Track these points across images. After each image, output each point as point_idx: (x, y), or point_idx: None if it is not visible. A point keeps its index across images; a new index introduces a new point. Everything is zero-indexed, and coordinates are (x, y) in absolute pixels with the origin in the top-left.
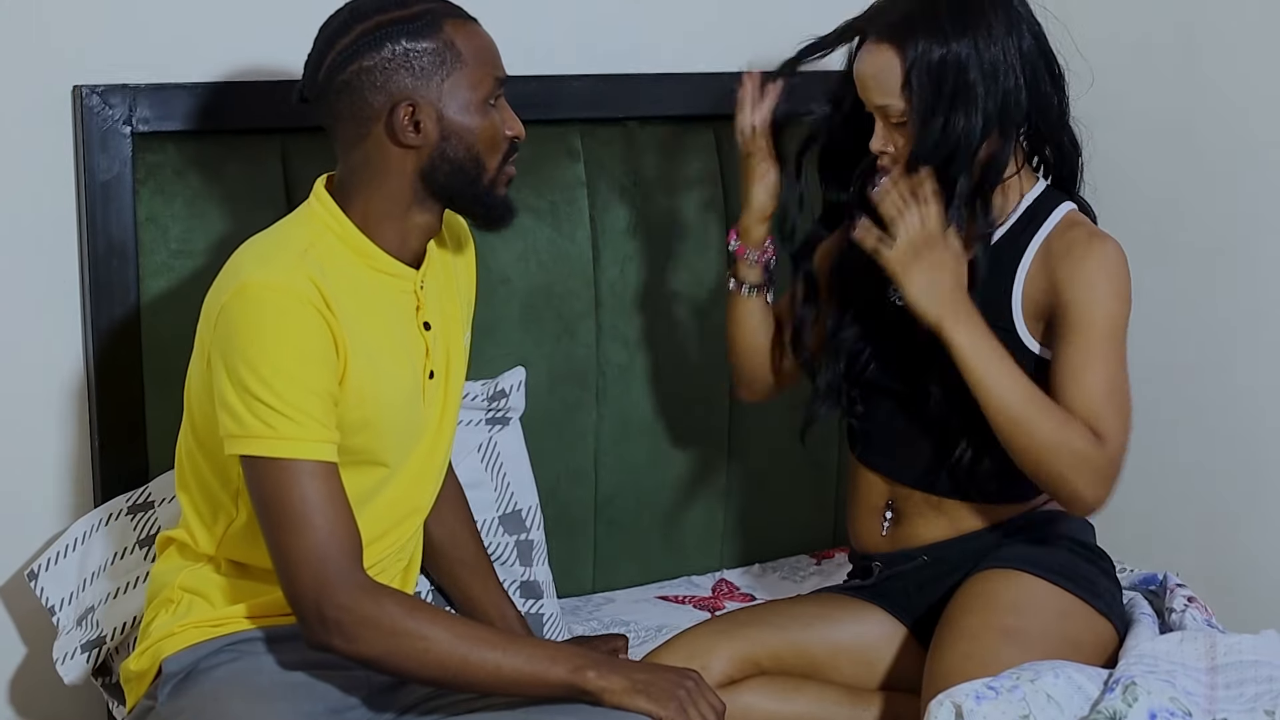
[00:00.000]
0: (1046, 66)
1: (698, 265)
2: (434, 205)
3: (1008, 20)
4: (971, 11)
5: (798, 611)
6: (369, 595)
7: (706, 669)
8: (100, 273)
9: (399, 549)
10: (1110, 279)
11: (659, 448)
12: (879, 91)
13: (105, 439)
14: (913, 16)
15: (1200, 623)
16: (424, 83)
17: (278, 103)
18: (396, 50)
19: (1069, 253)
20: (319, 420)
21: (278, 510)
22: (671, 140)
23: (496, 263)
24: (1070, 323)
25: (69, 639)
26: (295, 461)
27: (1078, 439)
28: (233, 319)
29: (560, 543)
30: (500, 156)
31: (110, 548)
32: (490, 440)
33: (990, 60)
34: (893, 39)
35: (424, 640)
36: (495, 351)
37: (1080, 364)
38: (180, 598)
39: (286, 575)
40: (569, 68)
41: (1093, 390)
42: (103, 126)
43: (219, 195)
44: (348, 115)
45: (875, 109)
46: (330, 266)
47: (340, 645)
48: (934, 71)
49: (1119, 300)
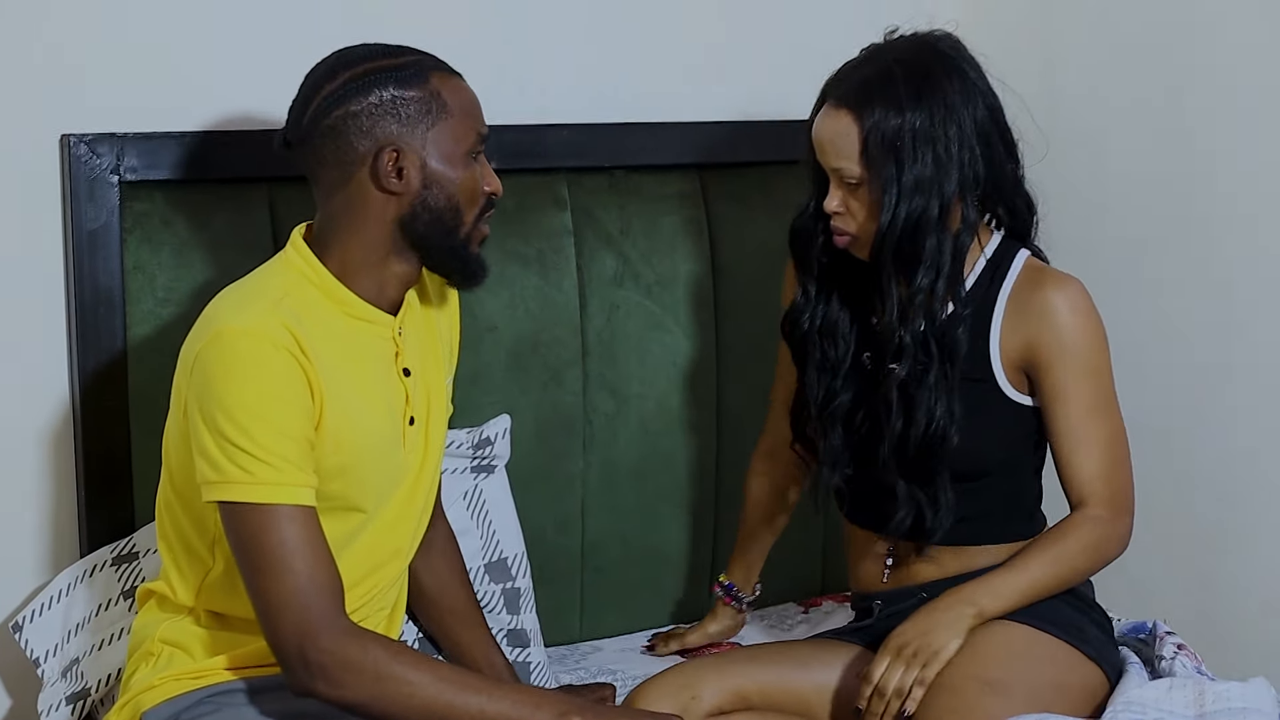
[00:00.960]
0: (1000, 136)
1: (685, 314)
2: (411, 255)
3: (964, 91)
4: (929, 82)
5: (792, 651)
6: (353, 640)
7: (697, 699)
8: (87, 321)
9: (380, 594)
10: (1083, 325)
11: (646, 496)
12: (835, 154)
13: (91, 488)
14: (871, 84)
15: (1190, 670)
16: (409, 130)
17: (265, 152)
18: (384, 97)
19: (1041, 309)
20: (296, 465)
21: (257, 555)
22: (658, 189)
23: (483, 310)
24: (1058, 382)
25: (54, 691)
26: (273, 506)
27: (1097, 544)
28: (208, 366)
29: (547, 591)
30: (477, 211)
31: (95, 599)
32: (476, 488)
33: (946, 130)
34: (851, 105)
35: (408, 685)
36: (482, 399)
37: (1080, 435)
38: (160, 650)
39: (268, 621)
40: (556, 116)
41: (1098, 463)
42: (90, 175)
43: (206, 244)
44: (331, 160)
45: (831, 170)
46: (306, 314)
47: (324, 690)
48: (889, 140)
49: (1096, 342)
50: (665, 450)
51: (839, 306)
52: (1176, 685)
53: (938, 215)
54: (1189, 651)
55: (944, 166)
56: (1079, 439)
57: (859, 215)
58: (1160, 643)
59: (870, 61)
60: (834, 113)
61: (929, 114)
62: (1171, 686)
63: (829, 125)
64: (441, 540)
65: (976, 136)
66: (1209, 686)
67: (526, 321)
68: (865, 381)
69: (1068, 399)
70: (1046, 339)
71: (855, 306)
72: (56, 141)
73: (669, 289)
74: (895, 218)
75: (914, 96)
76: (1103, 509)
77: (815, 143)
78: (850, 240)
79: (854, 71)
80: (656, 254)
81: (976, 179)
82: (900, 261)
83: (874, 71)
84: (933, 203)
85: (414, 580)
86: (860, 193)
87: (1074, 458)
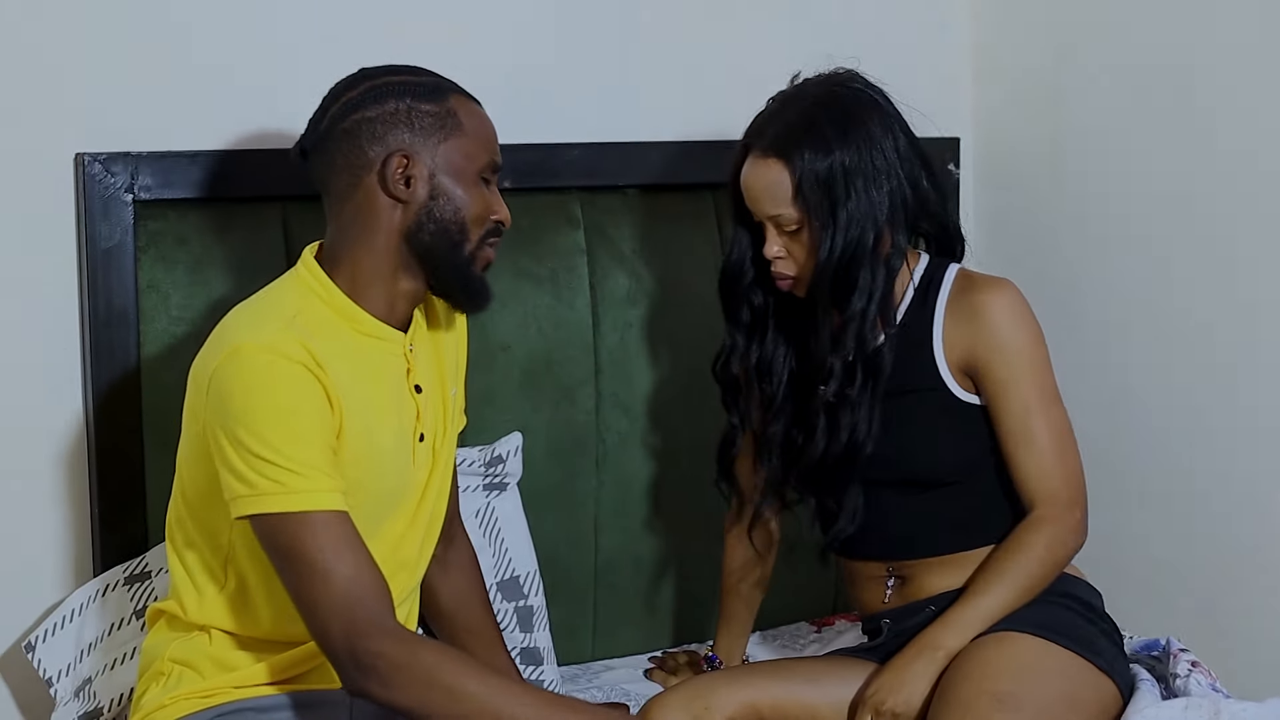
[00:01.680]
0: (922, 161)
1: (698, 332)
2: (419, 271)
3: (882, 123)
4: (850, 119)
5: (806, 668)
6: (402, 643)
7: (709, 709)
8: (101, 339)
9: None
10: (1016, 324)
11: (659, 515)
12: (771, 202)
13: (105, 505)
14: (795, 129)
15: (1205, 687)
16: (421, 140)
17: (279, 171)
18: (400, 106)
19: (974, 311)
20: (324, 471)
21: (299, 564)
22: (671, 207)
23: (496, 330)
24: (998, 381)
25: (66, 710)
26: (308, 514)
27: (1049, 546)
28: (225, 383)
29: (560, 610)
30: (483, 232)
31: (107, 619)
32: (488, 506)
33: (873, 163)
34: (779, 152)
35: (453, 693)
36: (495, 418)
37: (1023, 432)
38: (170, 669)
39: (317, 627)
40: (569, 135)
41: (1043, 458)
42: (105, 194)
43: (220, 263)
44: (343, 165)
45: (767, 219)
46: (319, 331)
47: (378, 691)
48: (823, 180)
49: (1031, 339)
50: (678, 469)
51: (772, 343)
52: (1192, 705)
53: (871, 245)
54: (1203, 669)
55: (874, 198)
56: (1022, 436)
57: (799, 257)
58: (1174, 660)
59: (788, 107)
60: (762, 162)
61: (856, 149)
62: (1187, 706)
63: (759, 175)
64: (463, 559)
65: (900, 163)
66: (1225, 705)
67: (539, 340)
68: (797, 407)
69: (1009, 397)
70: (984, 339)
71: (789, 337)
72: (71, 160)
73: (682, 308)
74: (833, 252)
75: (840, 135)
76: (1050, 507)
77: (745, 193)
78: (792, 283)
79: (773, 119)
80: (669, 273)
81: (904, 203)
82: (836, 291)
83: (795, 116)
84: (867, 233)
85: (433, 598)
86: (800, 236)
87: (1018, 454)
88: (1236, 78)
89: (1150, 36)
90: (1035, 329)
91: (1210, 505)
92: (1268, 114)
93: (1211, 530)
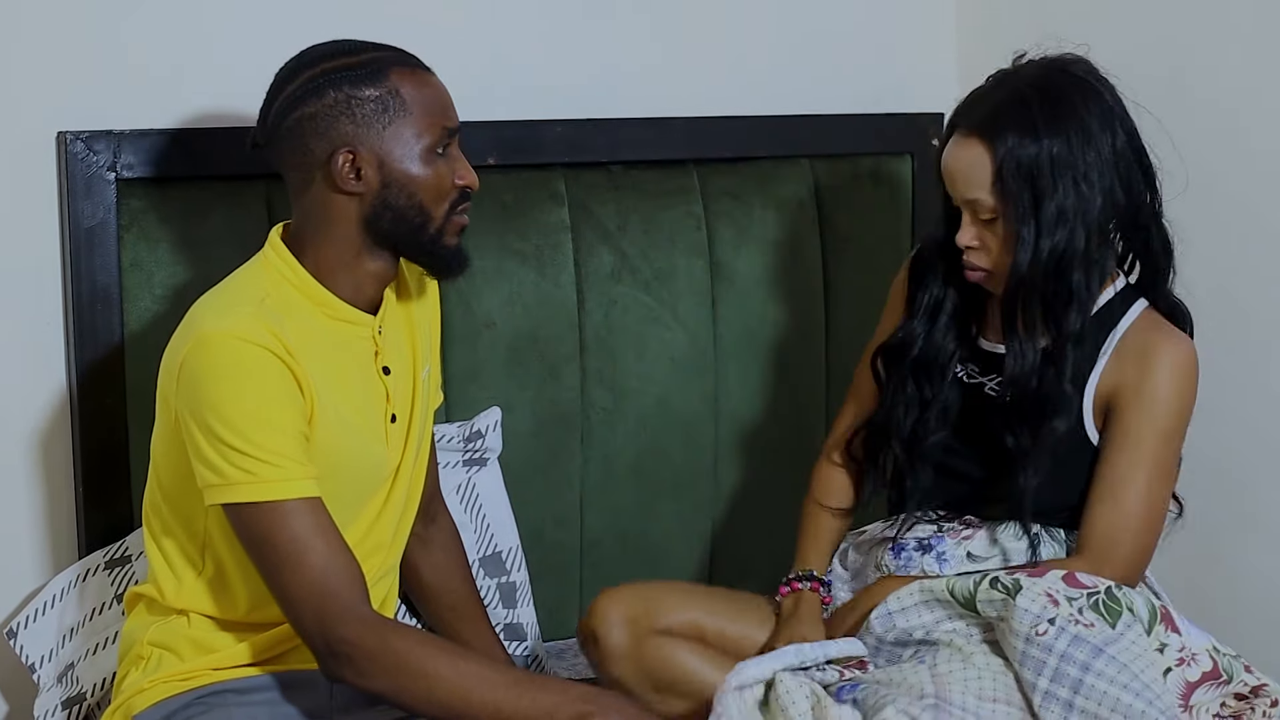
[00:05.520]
0: (1140, 165)
1: (682, 309)
2: (384, 253)
3: (1102, 116)
4: (1065, 107)
5: (764, 612)
6: (374, 630)
7: (648, 613)
8: (84, 318)
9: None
10: (1179, 384)
11: (644, 491)
12: (968, 185)
13: (89, 486)
14: (1004, 110)
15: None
16: (365, 130)
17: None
18: (339, 97)
19: (1144, 351)
20: (295, 459)
21: (271, 553)
22: (656, 184)
23: (481, 307)
24: (1124, 429)
25: (50, 696)
26: (280, 503)
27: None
28: (195, 371)
29: (546, 586)
30: (448, 205)
31: (88, 603)
32: (469, 481)
33: (1084, 159)
34: (983, 134)
35: (426, 679)
36: (479, 395)
37: (1119, 487)
38: (150, 653)
39: (292, 614)
40: (552, 112)
41: (1122, 522)
42: (87, 173)
43: (203, 241)
44: (293, 162)
45: (964, 203)
46: (288, 316)
47: (352, 678)
48: (1025, 169)
49: (1182, 405)
50: (663, 446)
51: (942, 336)
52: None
53: (1083, 248)
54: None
55: (1086, 195)
56: (1112, 491)
57: (994, 250)
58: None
59: (1000, 87)
60: (964, 142)
61: (1066, 140)
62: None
63: (959, 155)
64: (444, 535)
65: (1116, 163)
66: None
67: (524, 317)
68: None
69: (1124, 449)
70: (1136, 382)
71: (959, 332)
72: (53, 138)
73: (667, 284)
74: (1037, 253)
75: (1050, 122)
76: (1098, 565)
77: (945, 174)
78: (984, 276)
79: (983, 98)
80: (654, 249)
81: (1117, 209)
82: (1048, 303)
83: (1005, 97)
84: (1078, 234)
85: (415, 575)
86: (996, 226)
87: (1100, 506)
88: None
89: (1139, 21)
90: (1190, 401)
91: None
92: (1261, 99)
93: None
